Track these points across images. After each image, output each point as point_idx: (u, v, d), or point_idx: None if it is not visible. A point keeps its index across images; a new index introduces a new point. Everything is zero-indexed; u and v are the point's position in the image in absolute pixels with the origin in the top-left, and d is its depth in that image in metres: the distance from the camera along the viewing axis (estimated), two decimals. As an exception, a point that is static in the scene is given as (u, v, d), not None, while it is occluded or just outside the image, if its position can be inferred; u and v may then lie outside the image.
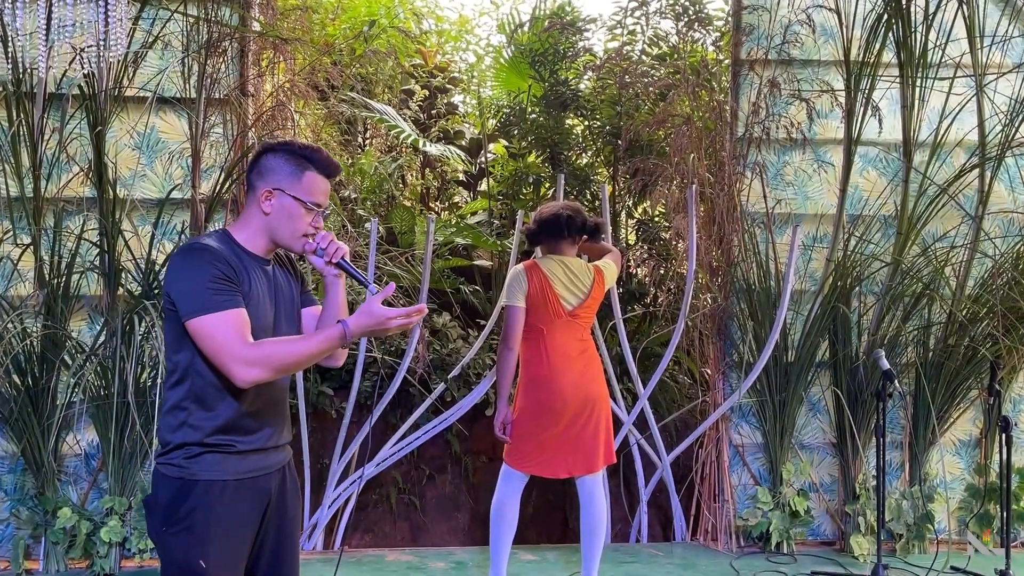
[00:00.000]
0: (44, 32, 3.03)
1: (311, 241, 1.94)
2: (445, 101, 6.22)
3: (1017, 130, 4.10)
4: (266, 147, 1.97)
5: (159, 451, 1.91)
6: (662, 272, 5.06)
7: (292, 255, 2.10)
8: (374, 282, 2.12)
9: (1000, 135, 4.13)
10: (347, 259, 1.96)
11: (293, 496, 2.06)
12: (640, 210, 5.72)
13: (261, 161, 1.95)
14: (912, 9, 4.04)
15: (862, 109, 4.17)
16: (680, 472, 4.42)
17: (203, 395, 1.86)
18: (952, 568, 3.89)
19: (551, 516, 4.60)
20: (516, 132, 5.79)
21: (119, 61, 3.58)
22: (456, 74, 6.46)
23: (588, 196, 5.47)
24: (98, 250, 3.69)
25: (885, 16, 4.05)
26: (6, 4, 2.98)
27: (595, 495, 3.36)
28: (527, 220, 3.89)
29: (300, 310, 2.07)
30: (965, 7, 4.10)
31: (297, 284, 2.08)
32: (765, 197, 4.27)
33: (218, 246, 1.87)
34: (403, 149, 5.87)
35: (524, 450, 3.29)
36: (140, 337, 3.43)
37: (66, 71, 3.54)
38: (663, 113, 4.50)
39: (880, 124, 4.15)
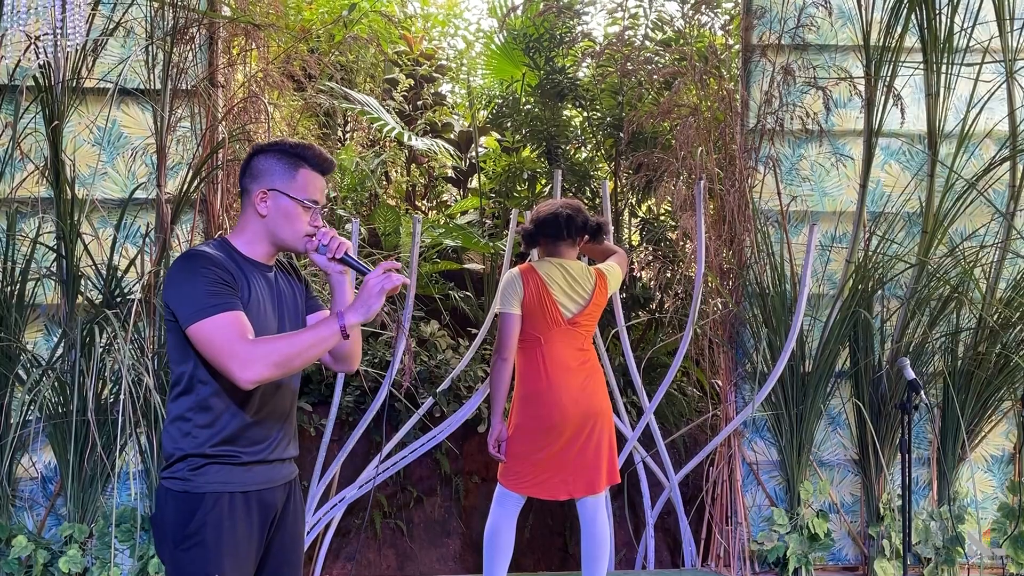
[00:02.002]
0: (-4, 18, 3.04)
1: (313, 239, 2.06)
2: (432, 91, 6.25)
3: (1051, 120, 4.13)
4: (256, 149, 2.10)
5: (162, 466, 2.04)
6: (668, 275, 5.07)
7: (294, 261, 2.25)
8: None
9: (1032, 125, 4.17)
10: (351, 253, 2.07)
11: (299, 514, 2.18)
12: (644, 208, 5.74)
13: (252, 163, 2.08)
14: (937, -11, 4.07)
15: (883, 98, 4.18)
16: (689, 492, 4.44)
17: (207, 405, 1.99)
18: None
19: (550, 541, 4.61)
20: (509, 124, 5.80)
21: (77, 50, 3.58)
22: (444, 62, 6.48)
23: (588, 193, 5.49)
24: (55, 255, 3.71)
25: (907, -3, 4.08)
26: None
27: (597, 518, 3.38)
28: (522, 220, 3.90)
29: (305, 316, 2.19)
30: (994, -13, 4.14)
31: (302, 289, 2.21)
32: (779, 193, 4.30)
33: (215, 252, 2.00)
34: (387, 143, 5.87)
35: (520, 470, 3.31)
36: (101, 350, 3.44)
37: (19, 61, 3.55)
38: (668, 103, 4.51)
39: (903, 114, 4.17)
